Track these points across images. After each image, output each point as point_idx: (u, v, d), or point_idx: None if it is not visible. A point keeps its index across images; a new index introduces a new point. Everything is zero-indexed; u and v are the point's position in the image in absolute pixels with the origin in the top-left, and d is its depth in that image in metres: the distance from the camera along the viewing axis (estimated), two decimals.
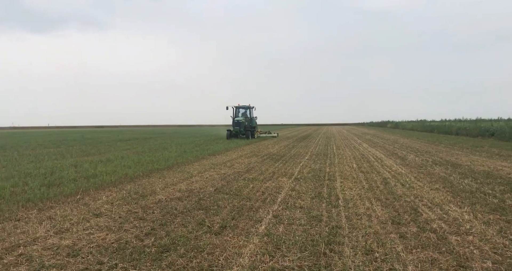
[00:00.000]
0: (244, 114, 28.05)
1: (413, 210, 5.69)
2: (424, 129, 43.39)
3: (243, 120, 27.03)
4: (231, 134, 27.16)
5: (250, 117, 28.05)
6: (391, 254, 3.90)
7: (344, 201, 6.37)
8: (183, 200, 6.61)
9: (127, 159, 12.85)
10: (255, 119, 28.76)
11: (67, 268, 3.60)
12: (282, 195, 6.94)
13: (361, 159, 13.19)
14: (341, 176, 9.25)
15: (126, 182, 8.51)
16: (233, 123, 27.14)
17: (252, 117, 28.36)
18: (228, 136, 27.16)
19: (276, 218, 5.37)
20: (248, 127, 27.27)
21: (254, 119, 28.64)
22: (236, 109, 27.90)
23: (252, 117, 28.36)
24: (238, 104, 27.94)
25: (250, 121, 27.87)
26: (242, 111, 28.21)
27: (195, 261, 3.74)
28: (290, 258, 3.82)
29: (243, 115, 28.01)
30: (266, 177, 9.08)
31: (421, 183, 8.10)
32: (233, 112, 27.71)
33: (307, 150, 17.48)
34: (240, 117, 27.40)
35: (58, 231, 4.76)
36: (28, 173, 9.51)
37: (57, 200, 6.55)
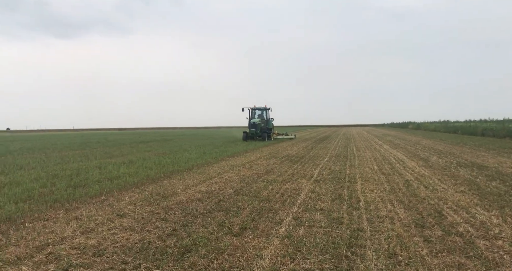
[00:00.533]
0: (260, 116, 27.60)
1: (438, 213, 5.54)
2: (448, 130, 42.12)
3: (259, 122, 26.58)
4: (247, 136, 26.72)
5: (266, 119, 27.55)
6: (415, 258, 3.81)
7: (365, 203, 6.27)
8: (203, 201, 6.68)
9: (149, 161, 13.11)
10: (271, 120, 28.15)
11: (93, 267, 3.71)
12: (301, 197, 6.91)
13: (382, 160, 12.95)
14: (361, 178, 9.11)
15: (148, 183, 8.68)
16: (249, 125, 26.73)
17: (269, 119, 27.79)
18: (244, 138, 26.67)
19: (296, 220, 5.35)
20: (264, 129, 26.83)
21: (271, 120, 28.04)
22: (252, 111, 27.45)
23: (269, 119, 27.79)
24: (254, 105, 27.43)
25: (266, 123, 27.36)
26: (258, 112, 27.73)
27: (216, 262, 3.78)
28: (311, 260, 3.79)
29: (259, 116, 27.57)
30: (285, 179, 9.06)
31: (445, 185, 7.88)
32: (249, 114, 27.30)
33: (326, 151, 17.32)
34: (256, 119, 26.93)
35: (84, 231, 4.91)
36: (55, 175, 9.85)
37: (83, 200, 6.76)
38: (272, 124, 28.08)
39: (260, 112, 27.74)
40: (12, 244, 4.38)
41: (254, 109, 27.50)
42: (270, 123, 27.78)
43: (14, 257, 3.94)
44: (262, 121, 26.98)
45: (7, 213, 5.70)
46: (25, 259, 3.91)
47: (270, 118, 28.02)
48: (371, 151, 16.97)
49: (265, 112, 27.65)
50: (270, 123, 27.78)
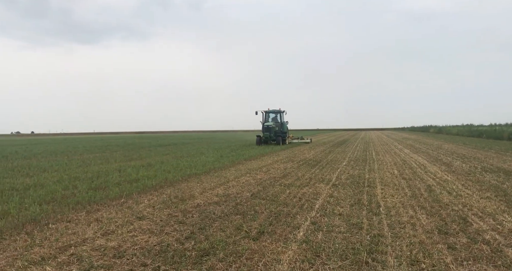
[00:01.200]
0: (275, 119, 26.55)
1: (462, 220, 5.35)
2: (471, 134, 40.87)
3: (274, 125, 25.51)
4: (261, 140, 25.70)
5: (280, 122, 26.44)
6: (439, 265, 3.68)
7: (385, 209, 6.13)
8: (221, 204, 6.69)
9: (167, 164, 13.27)
10: (286, 124, 26.99)
11: (113, 268, 3.77)
12: (320, 202, 6.82)
13: (403, 165, 12.66)
14: (381, 182, 8.92)
15: (166, 186, 8.78)
16: (263, 129, 25.69)
17: (283, 122, 26.64)
18: (257, 142, 25.62)
19: (314, 225, 5.28)
20: (278, 133, 25.80)
21: (285, 124, 26.92)
22: (266, 114, 26.36)
23: (283, 122, 26.64)
24: (268, 108, 26.34)
25: (281, 126, 26.27)
26: (272, 115, 26.66)
27: (234, 266, 3.77)
28: (331, 266, 3.72)
29: (274, 120, 26.51)
30: (303, 183, 8.98)
31: (469, 191, 7.61)
32: (263, 117, 26.25)
33: (345, 155, 17.08)
34: (270, 122, 25.91)
35: (104, 233, 5.00)
36: (76, 177, 10.11)
37: (103, 203, 6.89)
38: (287, 127, 27.08)
39: (274, 115, 26.72)
40: (37, 244, 4.50)
41: (267, 112, 26.45)
42: (285, 127, 26.74)
43: (39, 257, 4.04)
44: (276, 124, 25.94)
45: (32, 214, 5.87)
46: (49, 260, 4.00)
47: (284, 121, 26.92)
48: (391, 156, 16.63)
49: (280, 115, 26.60)
50: (285, 127, 26.74)
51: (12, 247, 4.37)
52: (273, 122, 26.09)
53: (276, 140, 25.34)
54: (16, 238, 4.75)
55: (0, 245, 4.46)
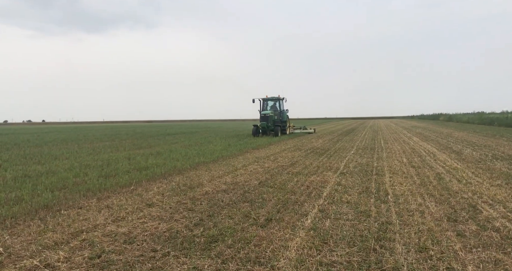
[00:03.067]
0: (273, 107, 24.14)
1: (472, 207, 5.31)
2: (482, 121, 40.19)
3: (272, 114, 23.13)
4: (257, 131, 23.31)
5: (280, 110, 23.97)
6: (448, 252, 3.68)
7: (394, 197, 6.11)
8: (229, 192, 6.74)
9: (175, 152, 13.37)
10: (286, 112, 24.49)
11: (124, 254, 3.84)
12: (327, 190, 6.82)
13: (412, 153, 12.55)
14: (390, 170, 8.88)
15: (175, 174, 8.86)
16: (260, 118, 23.36)
17: (283, 110, 24.19)
18: (254, 132, 23.13)
19: (322, 212, 5.29)
20: (277, 122, 23.37)
21: (285, 112, 24.43)
22: (264, 102, 24.07)
23: (283, 110, 24.19)
24: (266, 96, 23.99)
25: (280, 115, 23.79)
26: (271, 103, 24.25)
27: (242, 252, 3.81)
28: (338, 253, 3.74)
29: (272, 108, 24.11)
30: (310, 171, 8.98)
31: (480, 178, 7.53)
32: (261, 105, 24.03)
33: (353, 144, 16.99)
34: (267, 111, 23.44)
35: (115, 219, 5.09)
36: (87, 165, 10.26)
37: (113, 190, 6.99)
38: (287, 116, 24.67)
39: (272, 103, 24.27)
40: (50, 229, 4.61)
41: (266, 100, 24.09)
42: (285, 115, 24.23)
43: (52, 242, 4.14)
44: (275, 113, 23.53)
45: (45, 200, 6.00)
46: (61, 244, 4.10)
47: (284, 109, 24.40)
48: (400, 144, 16.48)
49: (279, 103, 24.10)
50: (285, 115, 24.23)
51: (26, 232, 4.49)
52: (271, 110, 23.78)
53: (274, 130, 23.00)
54: (30, 223, 4.87)
55: (15, 230, 4.58)
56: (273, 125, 23.00)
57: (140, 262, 3.62)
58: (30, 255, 3.80)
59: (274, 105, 24.26)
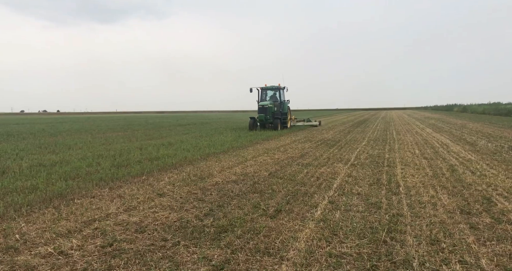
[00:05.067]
0: (273, 97, 21.84)
1: (486, 200, 5.21)
2: (498, 112, 39.20)
3: (271, 105, 20.69)
4: (255, 123, 20.88)
5: (280, 101, 21.54)
6: (460, 245, 3.62)
7: (405, 188, 6.03)
8: (239, 183, 6.76)
9: (186, 143, 13.46)
10: (287, 103, 22.11)
11: (135, 243, 3.90)
12: (338, 181, 6.78)
13: (424, 144, 12.35)
14: (401, 162, 8.76)
15: (186, 164, 8.92)
16: (258, 109, 20.95)
17: (283, 101, 21.79)
18: (251, 126, 20.73)
19: (332, 204, 5.27)
20: (277, 114, 20.87)
21: (286, 103, 21.97)
22: (262, 91, 21.77)
23: (283, 101, 21.79)
24: (265, 84, 21.71)
25: (280, 106, 21.43)
26: (270, 93, 21.97)
27: (252, 243, 3.83)
28: (348, 244, 3.73)
29: (272, 98, 21.83)
30: (320, 163, 8.93)
31: (494, 170, 7.37)
32: (259, 95, 21.70)
33: (364, 135, 16.81)
34: (266, 101, 21.07)
35: (127, 209, 5.16)
36: (100, 155, 10.42)
37: (125, 180, 7.09)
38: (288, 107, 22.21)
39: (272, 93, 21.94)
40: (63, 218, 4.71)
41: (264, 89, 21.79)
42: (285, 106, 21.80)
43: (66, 230, 4.23)
44: (274, 104, 21.10)
45: (58, 189, 6.12)
46: (74, 233, 4.19)
47: (285, 100, 22.05)
48: (412, 135, 16.23)
49: (279, 93, 21.68)
50: (285, 106, 21.80)
51: (41, 220, 4.59)
52: (270, 100, 21.45)
53: (273, 123, 20.58)
54: (44, 211, 4.98)
55: (30, 218, 4.70)
56: (272, 118, 20.58)
57: (150, 251, 3.67)
58: (44, 242, 3.89)
59: (274, 95, 21.92)
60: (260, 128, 21.11)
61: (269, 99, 21.65)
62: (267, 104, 20.54)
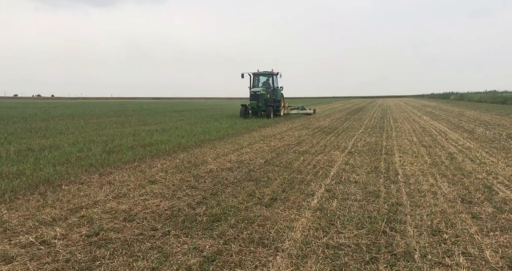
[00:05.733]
0: (266, 83, 20.82)
1: (487, 188, 5.07)
2: (495, 100, 39.18)
3: (264, 92, 19.66)
4: (246, 111, 19.89)
5: (273, 88, 20.52)
6: (463, 236, 3.47)
7: (404, 177, 5.88)
8: (234, 170, 6.57)
9: (181, 129, 13.21)
10: (280, 90, 21.02)
11: (123, 232, 3.72)
12: (335, 169, 6.62)
13: (422, 132, 12.21)
14: (399, 150, 8.60)
15: (180, 151, 8.71)
16: (250, 96, 19.85)
17: (276, 88, 20.75)
18: (242, 113, 19.72)
19: (329, 192, 5.10)
20: (269, 101, 20.02)
21: (279, 90, 20.93)
22: (255, 77, 20.64)
23: (276, 88, 20.75)
24: (257, 70, 20.55)
25: (273, 93, 20.47)
26: (263, 79, 20.93)
27: (245, 233, 3.66)
28: (346, 235, 3.57)
29: (265, 84, 20.80)
30: (317, 150, 8.75)
31: (494, 158, 7.24)
32: (251, 81, 20.58)
33: (361, 123, 16.64)
34: (258, 88, 20.00)
35: (116, 196, 4.96)
36: (91, 140, 10.16)
37: (116, 166, 6.87)
38: (281, 94, 21.13)
39: (265, 79, 20.90)
40: (49, 205, 4.50)
41: (257, 75, 20.64)
42: (279, 93, 20.75)
43: (50, 218, 4.03)
44: (267, 90, 20.12)
45: (46, 175, 5.89)
46: (59, 221, 3.99)
47: (278, 86, 21.00)
48: (410, 123, 16.09)
49: (272, 79, 20.62)
50: (279, 93, 20.75)
51: (25, 207, 4.38)
52: (263, 87, 20.39)
53: (266, 110, 19.60)
54: (29, 198, 4.77)
55: (13, 205, 4.48)
56: (265, 105, 19.65)
57: (139, 241, 3.49)
58: (26, 231, 3.69)
59: (266, 81, 20.90)
60: (252, 116, 20.14)
61: (262, 86, 20.68)
62: (259, 90, 19.49)
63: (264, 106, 19.62)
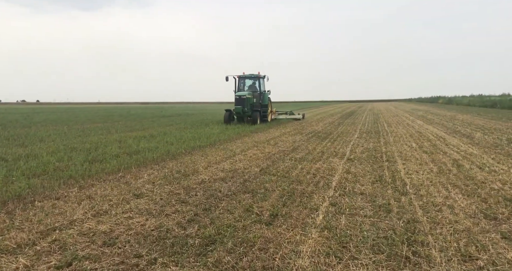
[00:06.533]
0: (252, 87, 19.32)
1: (508, 201, 4.64)
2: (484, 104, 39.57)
3: (249, 96, 18.07)
4: (231, 116, 18.38)
5: (259, 91, 19.00)
6: (501, 263, 3.00)
7: (413, 187, 5.43)
8: (227, 181, 6.05)
9: (170, 135, 12.60)
10: (267, 94, 19.49)
11: (101, 260, 3.15)
12: (336, 178, 6.15)
13: (419, 137, 11.87)
14: (401, 156, 8.20)
15: (168, 159, 8.13)
16: (235, 100, 18.15)
17: (263, 91, 19.22)
18: (226, 119, 18.15)
19: (334, 206, 4.61)
20: (256, 106, 18.54)
21: (266, 94, 19.39)
22: (240, 80, 19.13)
23: (263, 91, 19.22)
24: (243, 72, 18.96)
25: (259, 97, 18.90)
26: (249, 82, 19.39)
27: (245, 260, 3.13)
28: (363, 261, 3.07)
29: (250, 88, 19.28)
30: (315, 157, 8.28)
31: (503, 166, 6.87)
32: (236, 85, 19.07)
33: (355, 127, 16.30)
34: (244, 92, 18.44)
35: (96, 214, 4.38)
36: (73, 148, 9.49)
37: (99, 177, 6.27)
38: (268, 99, 19.60)
39: (251, 82, 19.38)
40: (16, 227, 3.89)
41: (242, 78, 19.12)
42: (266, 98, 19.18)
43: (14, 244, 3.43)
44: (253, 94, 18.60)
45: (18, 189, 5.25)
46: (25, 247, 3.39)
47: (265, 90, 19.48)
48: (404, 127, 15.80)
49: (259, 82, 19.16)
50: (266, 98, 19.18)
51: None
52: (249, 91, 18.85)
53: (252, 116, 18.00)
54: None
55: None
56: (251, 110, 18.17)
57: None
58: None
59: (253, 84, 19.37)
60: (237, 121, 18.64)
61: (248, 89, 19.17)
62: (244, 94, 17.82)
63: (250, 111, 18.14)
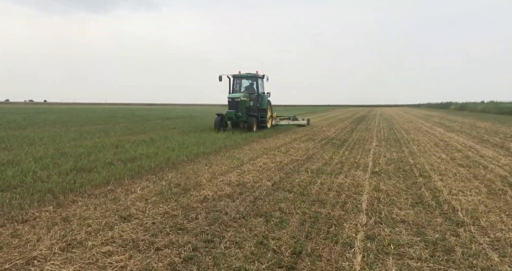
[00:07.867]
0: (249, 88, 16.62)
1: None
2: (500, 111, 38.06)
3: (244, 98, 15.45)
4: (222, 121, 15.51)
5: (257, 93, 16.25)
6: None
7: (467, 214, 4.37)
8: (235, 198, 5.04)
9: (172, 140, 11.63)
10: (266, 96, 16.76)
11: None
12: (365, 198, 5.11)
13: (446, 147, 10.76)
14: (433, 170, 7.12)
15: (168, 168, 7.15)
16: (228, 103, 15.39)
17: (262, 93, 16.56)
18: (217, 125, 15.32)
19: (372, 241, 3.58)
20: (253, 110, 15.83)
21: (266, 96, 16.68)
22: (235, 80, 16.41)
23: (262, 93, 16.56)
24: (239, 71, 16.28)
25: (257, 100, 16.17)
26: (246, 83, 16.70)
27: None
28: None
29: (248, 89, 16.60)
30: (334, 169, 7.24)
31: None
32: (231, 86, 16.37)
33: (371, 134, 15.21)
34: (237, 94, 15.73)
35: (66, 246, 3.39)
36: (64, 153, 8.54)
37: (83, 191, 5.29)
38: (268, 102, 16.76)
39: (248, 83, 16.68)
40: None
41: (238, 78, 16.37)
42: (265, 101, 16.38)
43: None
44: (250, 96, 15.98)
45: None
46: None
47: (264, 92, 16.85)
48: (424, 135, 14.67)
49: (257, 83, 16.36)
50: (265, 101, 16.38)
51: None
52: (245, 92, 16.24)
53: (248, 121, 15.49)
54: None
55: None
56: (247, 115, 15.47)
57: None
58: None
59: (250, 85, 16.68)
60: (231, 128, 16.16)
61: (244, 90, 16.54)
62: (238, 97, 15.13)
63: (246, 116, 15.40)
